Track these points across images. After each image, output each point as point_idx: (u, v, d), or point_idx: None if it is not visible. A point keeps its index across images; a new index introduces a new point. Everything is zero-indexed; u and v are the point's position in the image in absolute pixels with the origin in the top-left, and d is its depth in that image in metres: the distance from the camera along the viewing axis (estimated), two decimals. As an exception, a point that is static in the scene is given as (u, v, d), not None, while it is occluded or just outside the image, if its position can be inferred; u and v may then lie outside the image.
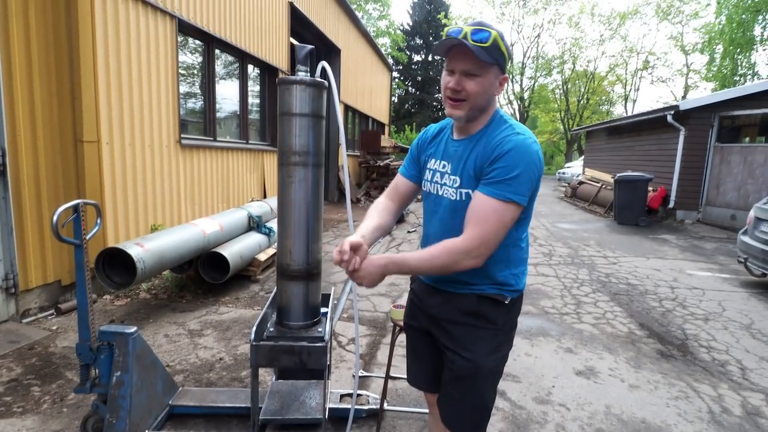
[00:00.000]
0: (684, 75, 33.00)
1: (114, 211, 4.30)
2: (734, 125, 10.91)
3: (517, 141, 1.31)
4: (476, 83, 1.33)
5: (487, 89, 1.36)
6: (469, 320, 1.46)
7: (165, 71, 4.98)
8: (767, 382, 3.16)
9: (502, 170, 1.29)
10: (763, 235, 5.36)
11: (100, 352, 2.17)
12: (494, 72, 1.35)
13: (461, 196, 1.41)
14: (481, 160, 1.35)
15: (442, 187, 1.48)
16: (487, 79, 1.34)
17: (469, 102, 1.35)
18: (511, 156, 1.29)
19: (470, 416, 1.49)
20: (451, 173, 1.46)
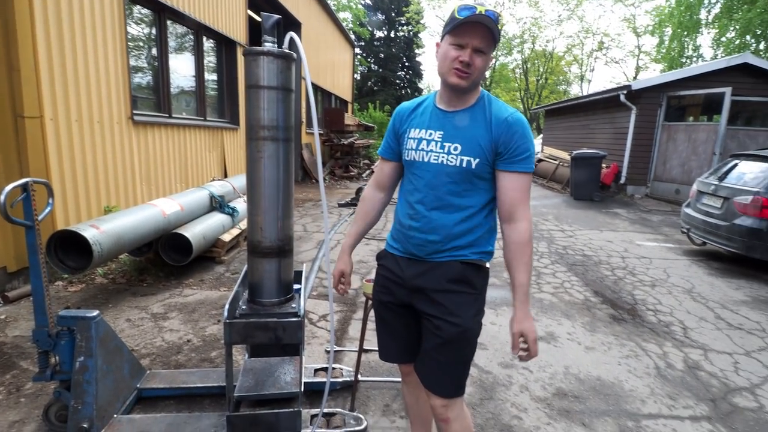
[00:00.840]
0: (635, 56, 34.20)
1: (62, 192, 4.07)
2: (680, 105, 11.47)
3: (522, 120, 1.47)
4: (482, 60, 1.43)
5: (486, 66, 1.46)
6: (455, 287, 1.51)
7: (113, 42, 4.70)
8: (706, 339, 3.43)
9: (523, 147, 1.46)
10: (703, 207, 5.73)
11: (60, 338, 2.08)
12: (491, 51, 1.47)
13: (462, 162, 1.48)
14: (498, 135, 1.46)
15: (428, 153, 1.52)
16: (489, 56, 1.45)
17: (474, 75, 1.44)
18: (525, 134, 1.46)
19: (454, 377, 1.56)
20: (444, 140, 1.51)
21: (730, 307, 4.15)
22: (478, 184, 1.51)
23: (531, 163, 1.48)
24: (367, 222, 1.79)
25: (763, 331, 3.65)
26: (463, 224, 1.52)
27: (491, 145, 1.46)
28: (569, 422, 2.37)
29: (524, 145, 1.45)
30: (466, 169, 1.47)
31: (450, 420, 1.57)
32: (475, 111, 1.50)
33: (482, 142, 1.46)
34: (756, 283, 4.90)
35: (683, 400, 2.62)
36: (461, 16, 1.36)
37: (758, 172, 5.24)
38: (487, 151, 1.46)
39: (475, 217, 1.53)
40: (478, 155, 1.46)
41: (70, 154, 4.16)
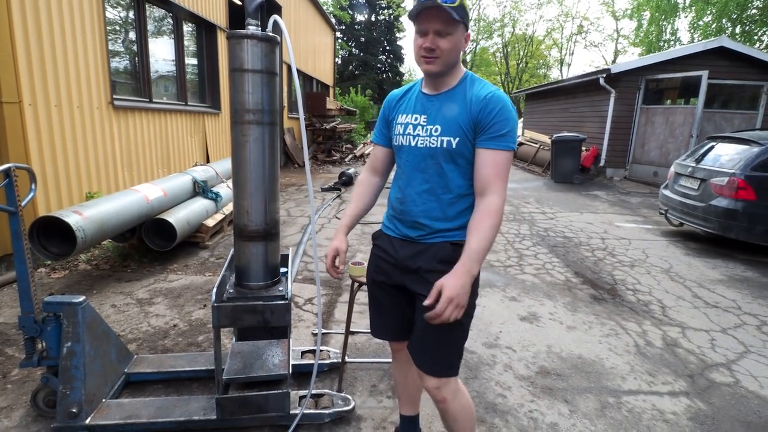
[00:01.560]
0: (614, 40, 34.47)
1: (43, 178, 4.00)
2: (658, 88, 11.63)
3: (501, 97, 1.47)
4: (447, 41, 1.44)
5: (457, 45, 1.47)
6: (446, 267, 1.47)
7: (91, 26, 4.58)
8: (683, 317, 3.56)
9: (500, 125, 1.44)
10: (681, 189, 5.87)
11: (47, 324, 2.07)
12: (461, 30, 1.47)
13: (442, 143, 1.50)
14: (475, 113, 1.46)
15: (415, 138, 1.56)
16: (456, 36, 1.45)
17: (442, 58, 1.46)
18: (503, 112, 1.45)
19: (444, 358, 1.57)
20: (428, 124, 1.54)
21: (706, 285, 4.29)
22: (462, 164, 1.51)
23: (508, 141, 1.46)
24: (361, 204, 1.80)
25: (739, 308, 3.79)
26: (452, 206, 1.54)
27: (470, 123, 1.47)
28: (552, 399, 2.45)
29: (501, 122, 1.45)
30: (446, 149, 1.50)
31: (447, 400, 1.59)
32: (456, 92, 1.52)
33: (461, 121, 1.48)
34: (731, 262, 5.07)
35: (662, 377, 2.72)
36: (416, 4, 1.42)
37: (734, 153, 5.38)
38: (466, 130, 1.48)
39: (465, 198, 1.54)
40: (457, 134, 1.48)
41: (50, 139, 4.07)
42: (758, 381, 2.72)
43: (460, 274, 1.37)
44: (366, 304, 3.54)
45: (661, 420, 2.32)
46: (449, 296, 1.34)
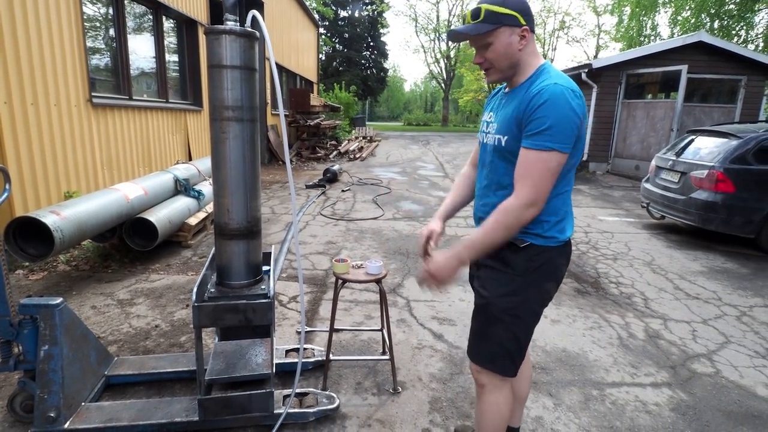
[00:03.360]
0: (596, 35, 34.84)
1: (20, 177, 3.91)
2: (639, 82, 11.79)
3: (552, 91, 1.35)
4: (491, 51, 1.46)
5: (505, 49, 1.45)
6: (490, 262, 1.57)
7: (68, 23, 4.47)
8: (665, 309, 3.61)
9: (538, 121, 1.36)
10: (662, 182, 5.96)
11: (23, 327, 2.02)
12: (505, 32, 1.43)
13: (496, 141, 1.53)
14: (522, 110, 1.42)
15: (486, 135, 1.62)
16: (499, 42, 1.44)
17: (495, 67, 1.49)
18: (546, 107, 1.35)
19: (484, 348, 1.61)
20: (493, 121, 1.59)
21: (688, 277, 4.37)
22: (514, 161, 1.46)
23: (542, 139, 1.35)
24: (459, 195, 1.85)
25: (719, 300, 3.86)
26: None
27: (518, 120, 1.43)
28: (537, 393, 2.47)
29: (539, 119, 1.36)
30: (497, 146, 1.52)
31: (484, 386, 1.65)
32: (520, 89, 1.49)
33: (512, 118, 1.46)
34: (712, 254, 5.16)
35: (645, 368, 2.76)
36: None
37: (713, 147, 5.47)
38: (513, 127, 1.45)
39: None
40: (506, 132, 1.48)
41: (27, 138, 3.98)
42: (738, 371, 2.77)
43: (449, 255, 1.47)
44: (350, 301, 3.54)
45: (643, 411, 2.35)
46: (428, 269, 1.50)
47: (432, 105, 69.88)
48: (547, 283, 1.56)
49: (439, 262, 1.48)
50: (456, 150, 17.57)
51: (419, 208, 7.01)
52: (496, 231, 1.41)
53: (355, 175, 10.28)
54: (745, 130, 5.41)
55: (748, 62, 10.55)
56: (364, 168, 11.61)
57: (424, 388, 2.46)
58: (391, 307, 3.42)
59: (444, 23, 35.00)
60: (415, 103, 74.40)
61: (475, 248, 1.44)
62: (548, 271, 1.54)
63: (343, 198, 7.66)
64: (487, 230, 1.42)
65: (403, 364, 2.67)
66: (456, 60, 37.10)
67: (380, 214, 6.48)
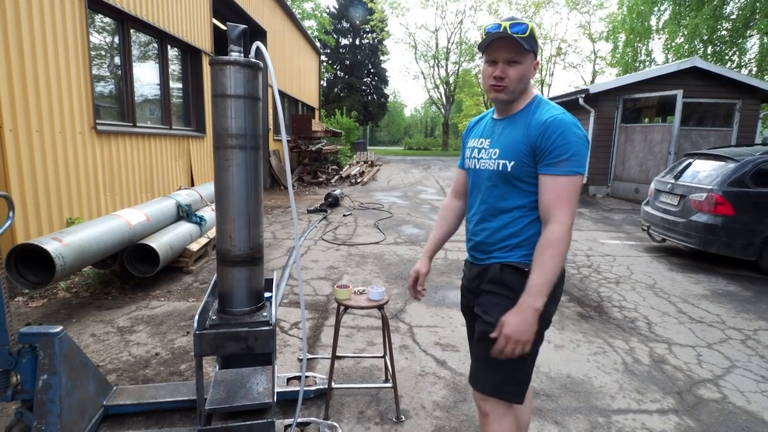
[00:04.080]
0: (592, 61, 35.47)
1: (23, 204, 3.93)
2: (636, 107, 11.95)
3: (565, 121, 1.45)
4: (516, 70, 1.49)
5: (526, 74, 1.51)
6: (492, 288, 1.58)
7: (75, 52, 4.57)
8: (669, 334, 3.58)
9: (562, 149, 1.43)
10: (661, 205, 5.98)
11: (22, 356, 2.00)
12: (530, 59, 1.51)
13: (499, 166, 1.55)
14: (534, 138, 1.47)
15: (479, 161, 1.63)
16: (525, 65, 1.50)
17: (511, 87, 1.51)
18: (565, 135, 1.43)
19: (489, 377, 1.57)
20: (489, 147, 1.60)
21: (691, 301, 4.34)
22: (521, 187, 1.53)
23: (571, 165, 1.43)
24: (445, 228, 1.87)
25: (723, 323, 3.83)
26: (508, 227, 1.57)
27: (528, 148, 1.48)
28: (542, 421, 2.43)
29: (562, 147, 1.43)
30: (501, 171, 1.54)
31: (488, 414, 1.60)
32: (520, 116, 1.55)
33: (518, 145, 1.50)
34: (714, 276, 5.14)
35: (651, 394, 2.71)
36: (487, 34, 1.49)
37: (711, 170, 5.51)
38: (522, 154, 1.49)
39: (522, 220, 1.55)
40: (513, 158, 1.51)
41: (31, 165, 4.02)
42: (745, 396, 2.73)
43: (521, 309, 1.41)
44: (352, 327, 3.52)
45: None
46: (507, 333, 1.41)
47: (432, 130, 70.59)
48: (550, 305, 1.55)
49: (515, 323, 1.41)
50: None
51: (421, 232, 7.01)
52: (555, 265, 1.41)
53: (357, 199, 10.32)
54: (742, 153, 5.46)
55: (742, 86, 10.72)
56: (366, 192, 11.66)
57: (428, 417, 2.42)
58: (393, 333, 3.39)
59: (443, 50, 35.69)
60: (415, 127, 75.19)
61: (543, 291, 1.41)
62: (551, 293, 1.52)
63: (345, 223, 7.67)
64: (546, 267, 1.41)
65: (406, 392, 2.63)
66: (455, 86, 37.68)
67: (382, 239, 6.48)
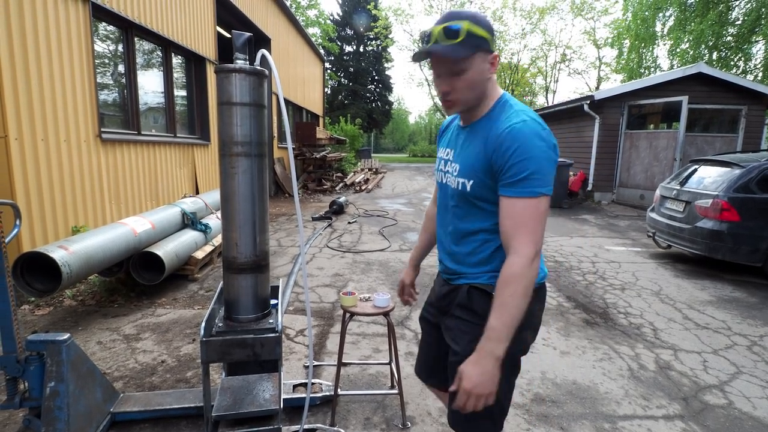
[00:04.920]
0: (597, 67, 35.51)
1: (28, 212, 3.96)
2: (641, 113, 11.94)
3: (524, 132, 1.23)
4: (463, 80, 1.29)
5: (476, 79, 1.30)
6: (460, 313, 1.43)
7: (80, 60, 4.63)
8: (675, 340, 3.56)
9: (519, 166, 1.22)
10: (667, 211, 5.96)
11: (29, 364, 2.02)
12: (479, 58, 1.28)
13: (459, 185, 1.39)
14: (491, 153, 1.28)
15: (445, 175, 1.48)
16: (473, 70, 1.28)
17: (461, 97, 1.33)
18: (522, 151, 1.21)
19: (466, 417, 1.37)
20: (453, 160, 1.44)
21: (696, 307, 4.31)
22: (484, 207, 1.36)
23: (530, 185, 1.21)
24: (426, 236, 1.81)
25: (729, 329, 3.80)
26: (476, 253, 1.41)
27: (487, 164, 1.30)
28: (548, 427, 2.42)
29: (520, 164, 1.21)
30: (461, 191, 1.38)
31: None
32: (481, 125, 1.35)
33: (476, 161, 1.33)
34: (720, 283, 5.11)
35: (656, 400, 2.70)
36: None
37: (716, 176, 5.50)
38: (481, 172, 1.31)
39: (490, 244, 1.38)
40: (471, 176, 1.34)
41: (36, 173, 4.05)
42: (751, 402, 2.71)
43: (480, 358, 1.22)
44: (358, 334, 3.52)
45: (658, 446, 2.29)
46: (467, 388, 1.22)
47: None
48: (524, 332, 1.37)
49: (474, 374, 1.21)
50: (460, 180, 17.64)
51: (424, 239, 7.00)
52: (516, 305, 1.21)
53: (362, 206, 10.33)
54: (748, 159, 5.44)
55: (747, 92, 10.69)
56: (370, 200, 11.68)
57: (434, 423, 2.41)
58: (399, 339, 3.39)
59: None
60: (419, 134, 75.30)
61: (503, 336, 1.21)
62: (525, 319, 1.28)
63: (350, 230, 7.68)
64: (505, 308, 1.21)
65: (412, 399, 2.62)
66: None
67: (387, 246, 6.48)
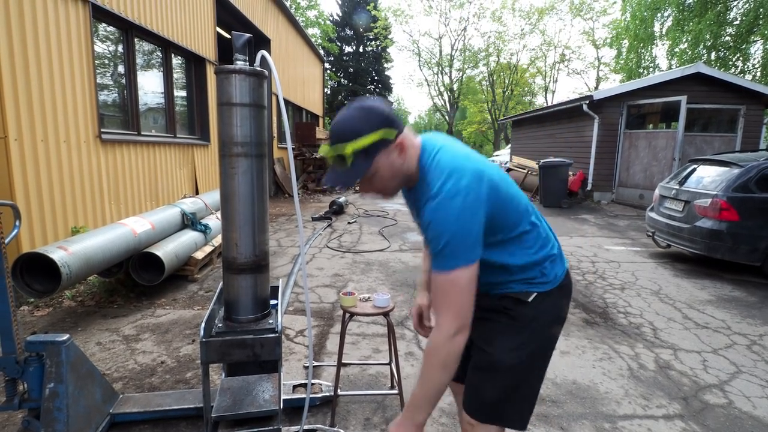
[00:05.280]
0: (596, 67, 35.50)
1: (28, 213, 3.96)
2: (640, 113, 11.95)
3: (437, 204, 1.20)
4: (379, 179, 1.31)
5: (390, 171, 1.30)
6: (489, 316, 1.45)
7: (80, 61, 4.63)
8: (675, 339, 3.56)
9: (435, 242, 1.22)
10: (666, 211, 5.96)
11: (29, 365, 2.02)
12: (382, 157, 1.27)
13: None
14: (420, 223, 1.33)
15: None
16: (382, 168, 1.28)
17: (388, 187, 1.34)
18: (436, 224, 1.21)
19: (478, 399, 1.46)
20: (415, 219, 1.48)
21: (696, 306, 4.31)
22: None
23: (444, 260, 1.21)
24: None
25: (729, 328, 3.80)
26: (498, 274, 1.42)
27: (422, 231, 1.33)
28: (548, 426, 2.42)
29: (434, 239, 1.21)
30: None
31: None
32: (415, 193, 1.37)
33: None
34: (719, 282, 5.11)
35: (656, 400, 2.70)
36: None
37: (715, 175, 5.50)
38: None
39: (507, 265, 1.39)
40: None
41: (36, 174, 4.05)
42: (751, 401, 2.71)
43: (403, 420, 1.30)
44: (358, 335, 3.51)
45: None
46: None
47: (435, 136, 70.52)
48: (555, 326, 1.46)
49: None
50: (459, 180, 17.62)
51: (424, 239, 7.00)
52: (434, 378, 1.26)
53: (361, 207, 10.34)
54: (747, 158, 5.44)
55: (746, 92, 10.70)
56: (370, 200, 11.68)
57: (434, 423, 2.41)
58: (399, 340, 3.39)
59: (446, 57, 35.81)
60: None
61: (422, 406, 1.27)
62: (554, 315, 1.44)
63: (350, 230, 7.68)
64: (425, 379, 1.27)
65: (411, 399, 2.62)
66: (459, 93, 37.76)
67: (387, 246, 6.48)
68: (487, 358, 1.44)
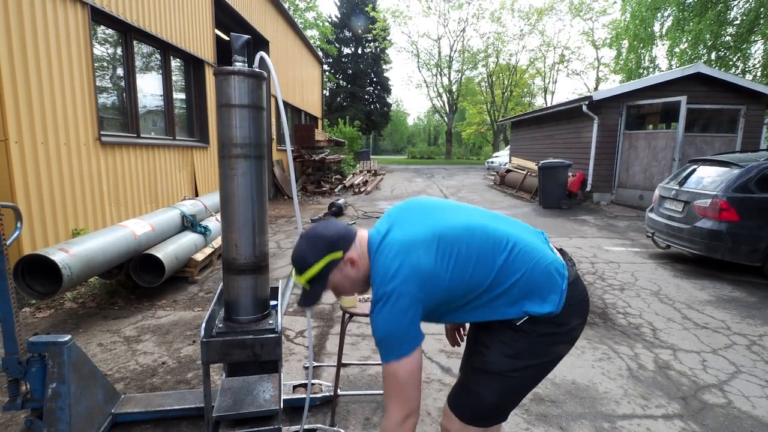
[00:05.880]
0: (595, 68, 35.58)
1: (29, 215, 3.98)
2: (639, 113, 11.95)
3: (372, 310, 1.34)
4: (340, 288, 1.47)
5: (348, 281, 1.44)
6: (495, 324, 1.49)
7: (79, 64, 4.64)
8: (674, 339, 3.57)
9: (375, 338, 1.33)
10: (666, 212, 5.97)
11: (31, 365, 2.03)
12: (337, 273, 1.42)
13: None
14: None
15: None
16: (339, 280, 1.43)
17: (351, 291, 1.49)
18: (377, 320, 1.31)
19: (460, 396, 1.52)
20: None
21: (695, 307, 4.32)
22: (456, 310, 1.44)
23: (384, 353, 1.31)
24: None
25: (728, 329, 3.81)
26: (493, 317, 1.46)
27: None
28: (547, 426, 2.43)
29: (374, 335, 1.33)
30: None
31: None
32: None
33: None
34: (719, 282, 5.12)
35: (656, 400, 2.71)
36: None
37: (715, 176, 5.51)
38: None
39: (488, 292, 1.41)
40: None
41: (36, 177, 4.07)
42: (750, 401, 2.72)
43: None
44: (357, 335, 3.52)
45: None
46: None
47: (435, 138, 70.75)
48: (561, 345, 1.47)
49: None
50: (460, 182, 17.68)
51: (424, 240, 7.00)
52: None
53: (361, 208, 10.35)
54: (747, 159, 5.45)
55: (746, 92, 10.71)
56: (370, 201, 11.69)
57: (433, 423, 2.42)
58: (397, 340, 3.39)
59: (445, 59, 35.86)
60: (418, 136, 75.35)
61: None
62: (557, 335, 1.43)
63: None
64: None
65: (411, 399, 2.63)
66: (458, 94, 37.81)
67: (385, 247, 6.48)
68: (482, 359, 1.49)
